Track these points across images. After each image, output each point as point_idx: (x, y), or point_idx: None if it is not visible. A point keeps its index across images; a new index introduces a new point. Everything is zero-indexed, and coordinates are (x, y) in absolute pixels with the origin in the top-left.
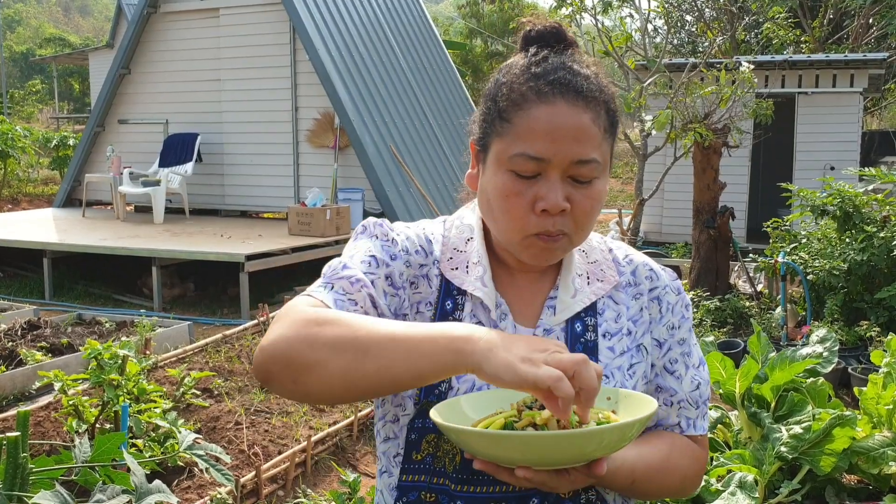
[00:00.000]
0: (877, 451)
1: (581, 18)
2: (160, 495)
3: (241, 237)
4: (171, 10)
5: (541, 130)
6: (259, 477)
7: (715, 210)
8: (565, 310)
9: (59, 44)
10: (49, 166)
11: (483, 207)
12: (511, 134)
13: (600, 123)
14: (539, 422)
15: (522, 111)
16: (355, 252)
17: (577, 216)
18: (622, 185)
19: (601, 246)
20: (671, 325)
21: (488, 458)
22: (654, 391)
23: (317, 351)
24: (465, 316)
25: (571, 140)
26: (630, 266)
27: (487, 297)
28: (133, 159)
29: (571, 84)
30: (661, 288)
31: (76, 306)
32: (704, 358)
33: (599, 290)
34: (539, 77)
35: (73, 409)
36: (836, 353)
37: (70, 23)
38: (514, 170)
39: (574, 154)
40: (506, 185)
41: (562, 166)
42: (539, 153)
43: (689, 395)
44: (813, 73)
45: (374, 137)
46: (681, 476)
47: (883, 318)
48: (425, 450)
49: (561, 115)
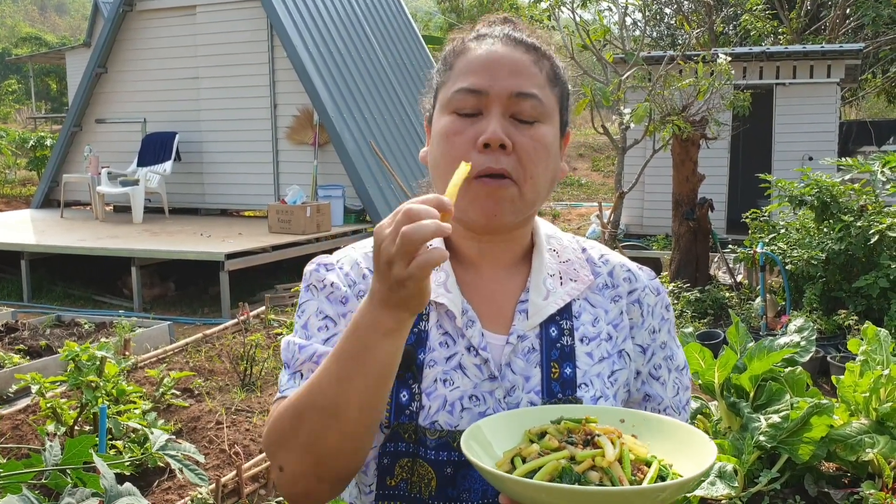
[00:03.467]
0: (854, 439)
1: (560, 12)
2: (131, 498)
3: (221, 236)
4: (148, 8)
5: (478, 64)
6: (240, 476)
7: (694, 202)
8: (538, 313)
9: (36, 43)
10: (26, 167)
11: (431, 168)
12: (451, 78)
13: (542, 67)
14: (602, 465)
15: (462, 55)
16: (308, 318)
17: (521, 157)
18: (603, 179)
19: (573, 245)
20: (653, 328)
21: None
22: (642, 400)
23: (299, 456)
24: (431, 326)
25: (508, 74)
26: (606, 266)
27: (452, 303)
28: (111, 159)
29: (512, 36)
30: (640, 289)
31: (55, 308)
32: (687, 361)
33: (573, 290)
34: (483, 35)
35: (51, 412)
36: (813, 343)
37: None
38: (455, 109)
39: (512, 86)
40: (446, 127)
41: (500, 99)
42: (476, 85)
43: (672, 401)
44: (790, 64)
45: (353, 133)
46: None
47: (861, 306)
48: (399, 475)
49: (499, 51)
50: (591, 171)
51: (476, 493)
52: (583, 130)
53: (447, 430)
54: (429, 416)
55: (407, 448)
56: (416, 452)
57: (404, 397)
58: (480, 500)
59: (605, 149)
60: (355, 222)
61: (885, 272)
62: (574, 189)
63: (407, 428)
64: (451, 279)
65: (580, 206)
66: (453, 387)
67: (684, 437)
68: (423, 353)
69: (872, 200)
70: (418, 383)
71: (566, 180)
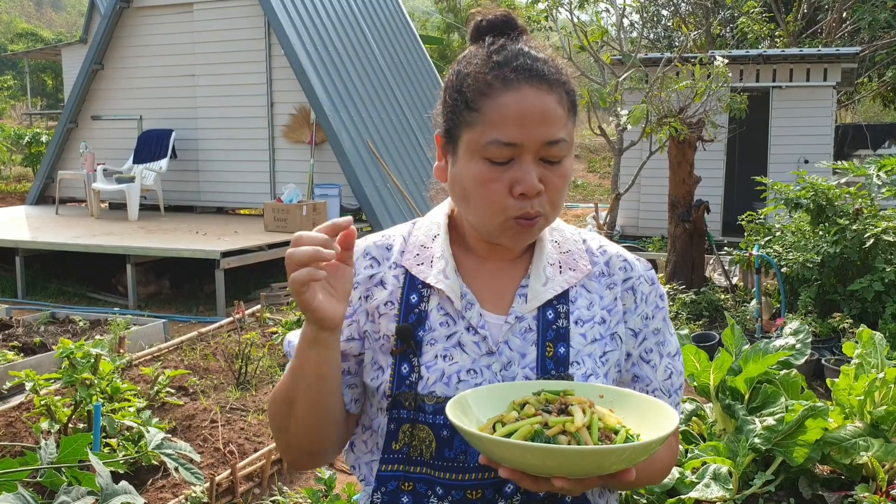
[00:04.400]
0: (849, 442)
1: (557, 13)
2: (126, 496)
3: (217, 234)
4: (145, 5)
5: (511, 117)
6: (234, 475)
7: (690, 204)
8: (536, 297)
9: (32, 39)
10: (21, 163)
11: (457, 197)
12: (481, 123)
13: (564, 104)
14: (571, 429)
15: (490, 99)
16: None
17: (552, 195)
18: (599, 180)
19: (575, 237)
20: (645, 314)
21: (513, 465)
22: (631, 380)
23: (275, 434)
24: (431, 308)
25: (540, 123)
26: (604, 256)
27: (450, 289)
28: (107, 156)
29: (533, 69)
30: (635, 278)
31: (49, 305)
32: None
33: (571, 278)
34: (502, 65)
35: (45, 409)
36: (808, 345)
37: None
38: (489, 157)
39: (544, 136)
40: (482, 173)
41: (534, 149)
42: (512, 139)
43: (662, 383)
44: (787, 67)
45: (350, 133)
46: (661, 466)
47: (855, 309)
48: (402, 439)
49: (528, 100)
50: (588, 173)
51: (472, 455)
52: (579, 132)
53: (444, 397)
54: (427, 385)
55: (408, 415)
56: (416, 418)
57: (405, 369)
58: (476, 462)
59: (602, 150)
60: None
61: (880, 275)
62: (570, 190)
63: (407, 396)
64: (450, 266)
65: (576, 208)
66: (452, 362)
67: (657, 411)
68: (423, 332)
69: (868, 204)
70: (418, 357)
71: None
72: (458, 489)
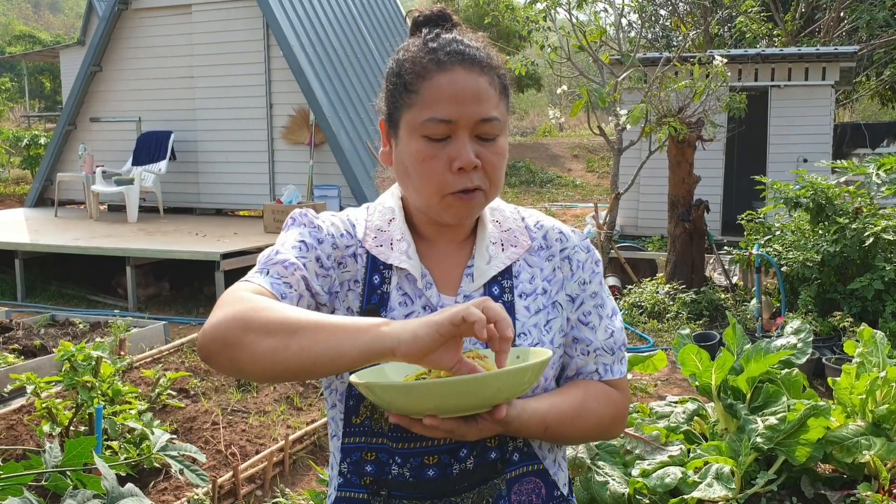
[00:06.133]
0: (850, 441)
1: (556, 13)
2: (133, 499)
3: (217, 235)
4: (143, 7)
5: (446, 96)
6: (237, 477)
7: (690, 203)
8: (482, 275)
9: (30, 41)
10: (20, 165)
11: (401, 177)
12: (419, 103)
13: (495, 86)
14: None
15: (426, 80)
16: (286, 240)
17: (489, 172)
18: (598, 180)
19: (514, 215)
20: (582, 280)
21: (398, 409)
22: (572, 343)
23: (249, 333)
24: (392, 288)
25: (473, 101)
26: (541, 231)
27: (413, 268)
28: (106, 158)
29: (466, 53)
30: (570, 248)
31: (49, 307)
32: (617, 308)
33: (513, 254)
34: (436, 50)
35: (46, 412)
36: (810, 344)
37: (40, 20)
38: (427, 135)
39: (477, 114)
40: (421, 150)
41: (468, 126)
42: (447, 116)
43: (604, 343)
44: (785, 66)
45: (349, 134)
46: (596, 420)
47: (856, 308)
48: (363, 413)
49: (461, 81)
50: (586, 172)
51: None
52: (578, 131)
53: None
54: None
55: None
56: None
57: None
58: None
59: (601, 150)
60: None
61: (880, 274)
62: (569, 190)
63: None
64: (411, 248)
65: (575, 207)
66: None
67: (535, 356)
68: (384, 312)
69: (867, 203)
70: None
71: (562, 181)
72: (416, 456)
